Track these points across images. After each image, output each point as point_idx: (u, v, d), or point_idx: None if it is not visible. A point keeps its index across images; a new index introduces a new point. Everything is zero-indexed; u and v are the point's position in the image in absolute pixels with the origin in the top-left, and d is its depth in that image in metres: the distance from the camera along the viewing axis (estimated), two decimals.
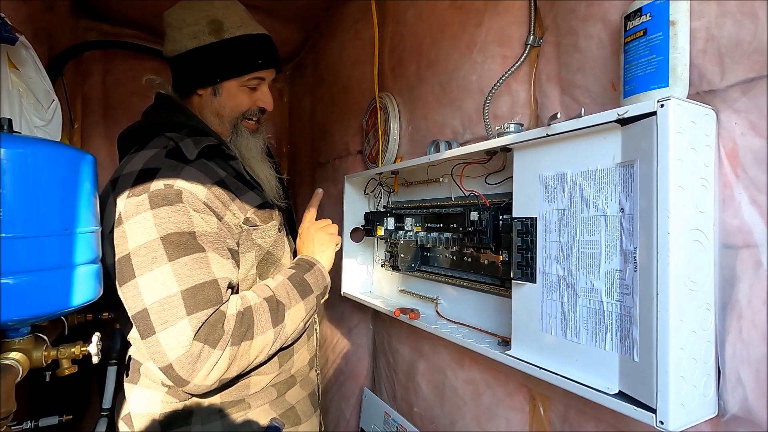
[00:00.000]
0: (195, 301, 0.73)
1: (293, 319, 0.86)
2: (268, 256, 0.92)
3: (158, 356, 0.72)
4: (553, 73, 0.87)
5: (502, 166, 0.95)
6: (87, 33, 1.90)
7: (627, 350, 0.62)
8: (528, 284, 0.78)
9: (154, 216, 0.75)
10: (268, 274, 0.94)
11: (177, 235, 0.75)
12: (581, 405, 0.80)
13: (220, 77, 0.95)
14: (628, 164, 0.62)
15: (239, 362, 0.77)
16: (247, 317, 0.79)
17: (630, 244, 0.62)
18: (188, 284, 0.74)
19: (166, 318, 0.72)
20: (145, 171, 0.80)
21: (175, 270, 0.74)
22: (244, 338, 0.77)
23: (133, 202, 0.78)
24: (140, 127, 0.94)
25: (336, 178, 1.83)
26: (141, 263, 0.74)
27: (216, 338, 0.73)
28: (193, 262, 0.75)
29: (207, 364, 0.73)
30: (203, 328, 0.73)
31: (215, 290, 0.76)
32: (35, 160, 0.68)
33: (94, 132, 1.95)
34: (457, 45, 1.13)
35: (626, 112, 0.60)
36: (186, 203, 0.78)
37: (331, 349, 1.86)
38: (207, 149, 0.86)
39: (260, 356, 0.81)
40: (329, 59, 1.96)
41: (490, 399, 1.03)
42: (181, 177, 0.80)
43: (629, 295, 0.62)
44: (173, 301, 0.72)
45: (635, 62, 0.64)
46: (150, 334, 0.73)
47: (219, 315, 0.76)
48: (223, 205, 0.83)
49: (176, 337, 0.71)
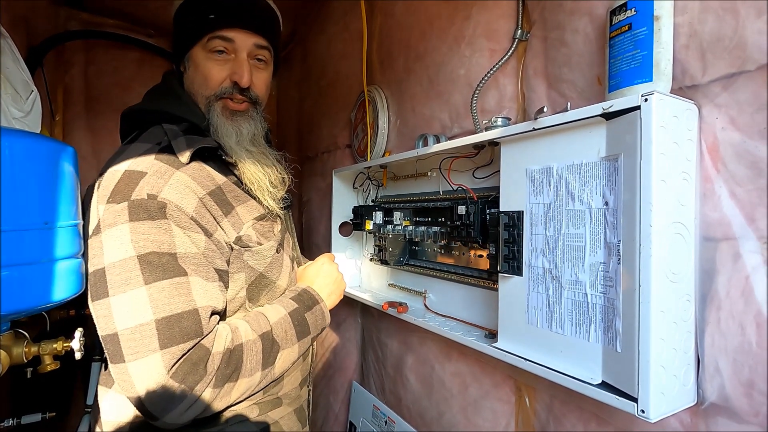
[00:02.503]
0: (171, 333, 0.65)
1: (284, 361, 0.79)
2: (261, 278, 0.82)
3: (126, 385, 0.65)
4: (540, 68, 0.88)
5: (489, 160, 0.95)
6: (67, 22, 1.85)
7: (610, 341, 0.63)
8: (514, 277, 0.79)
9: (131, 230, 0.67)
10: (259, 297, 0.84)
11: (156, 255, 0.67)
12: (565, 395, 0.82)
13: (185, 44, 0.84)
14: (612, 158, 0.63)
15: (218, 403, 0.70)
16: (236, 356, 0.71)
17: (614, 237, 0.63)
18: (164, 313, 0.65)
19: (137, 348, 0.64)
20: (131, 173, 0.71)
21: (150, 295, 0.66)
22: (229, 380, 0.70)
23: (111, 210, 0.69)
24: (139, 111, 0.85)
25: (324, 172, 1.82)
26: (115, 282, 0.66)
27: (196, 379, 0.66)
28: (172, 287, 0.67)
29: (182, 405, 0.66)
30: (182, 365, 0.65)
31: (194, 321, 0.67)
32: (12, 152, 0.67)
33: (75, 124, 1.91)
34: (446, 38, 1.12)
35: (611, 107, 0.61)
36: (170, 219, 0.69)
37: (320, 344, 1.86)
38: (196, 155, 0.76)
39: (242, 396, 0.74)
40: (317, 52, 1.94)
41: (476, 391, 1.04)
42: (169, 185, 0.70)
43: (613, 287, 0.63)
44: (146, 331, 0.64)
45: (620, 57, 0.65)
46: (119, 361, 0.65)
47: (202, 351, 0.68)
48: (214, 220, 0.74)
49: (147, 372, 0.64)
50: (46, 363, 0.75)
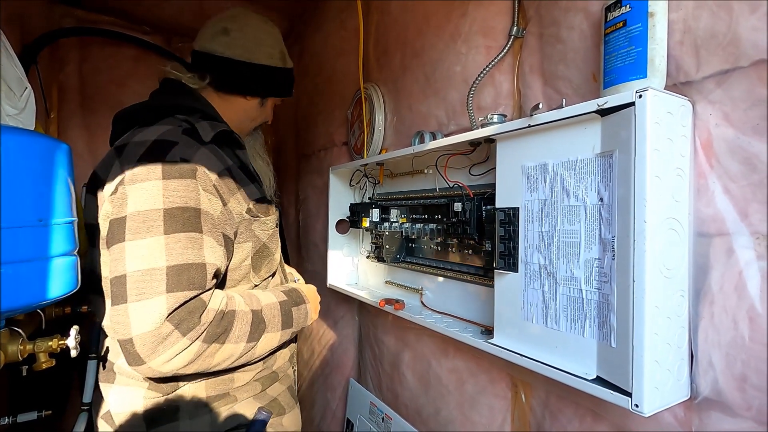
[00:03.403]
0: (179, 279, 0.71)
1: (266, 344, 0.84)
2: (264, 248, 0.92)
3: (121, 327, 0.69)
4: (536, 64, 0.88)
5: (485, 157, 0.95)
6: (62, 19, 1.84)
7: (605, 336, 0.63)
8: (510, 273, 0.79)
9: (164, 186, 0.74)
10: (261, 267, 0.93)
11: (181, 209, 0.74)
12: (561, 391, 0.82)
13: (273, 94, 1.12)
14: (607, 154, 0.63)
15: (201, 362, 0.74)
16: (227, 320, 0.77)
17: (608, 233, 0.63)
18: (176, 261, 0.71)
19: (144, 290, 0.69)
20: (161, 142, 0.79)
21: (167, 243, 0.71)
22: (217, 340, 0.74)
23: (144, 168, 0.75)
24: (148, 106, 0.92)
25: (321, 169, 1.81)
26: (135, 228, 0.72)
27: (189, 326, 0.70)
28: (187, 240, 0.73)
29: (171, 351, 0.69)
30: (179, 311, 0.70)
31: (201, 274, 0.73)
32: (7, 149, 0.66)
33: (71, 122, 1.90)
34: (442, 35, 1.12)
35: (605, 103, 0.61)
36: (198, 181, 0.77)
37: (317, 341, 1.87)
38: (219, 136, 0.87)
39: (221, 365, 0.78)
40: (314, 50, 1.93)
41: (473, 387, 1.04)
42: (198, 154, 0.80)
43: (607, 282, 0.63)
44: (156, 275, 0.70)
45: (615, 53, 0.65)
46: (120, 302, 0.69)
47: (199, 303, 0.73)
48: (229, 192, 0.83)
49: (147, 312, 0.68)
50: (42, 361, 0.74)
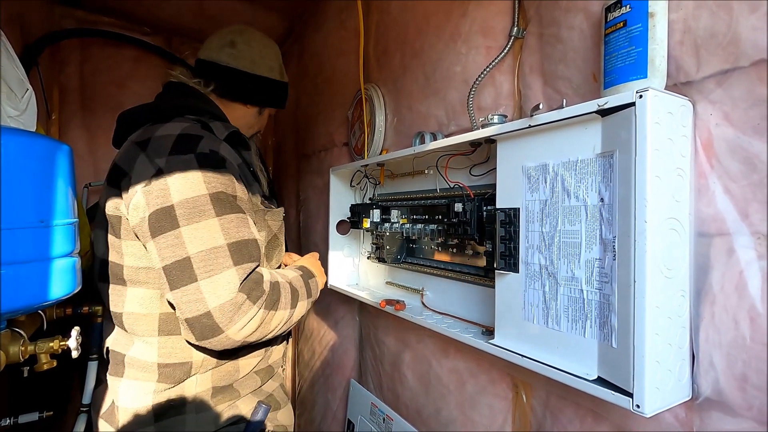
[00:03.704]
0: (241, 254, 0.77)
1: (299, 310, 0.90)
2: (275, 239, 0.98)
3: (194, 305, 0.73)
4: (536, 65, 0.88)
5: (486, 157, 0.95)
6: (62, 20, 1.84)
7: (606, 337, 0.63)
8: (511, 274, 0.79)
9: (203, 175, 0.78)
10: (273, 257, 0.99)
11: (224, 194, 0.79)
12: (562, 391, 0.82)
13: (270, 105, 1.20)
14: (607, 155, 0.63)
15: (264, 328, 0.80)
16: (276, 289, 0.83)
17: (609, 234, 0.63)
18: (234, 238, 0.77)
19: (212, 267, 0.74)
20: (187, 135, 0.83)
21: (222, 224, 0.77)
22: (273, 307, 0.81)
23: (179, 159, 0.80)
24: (157, 107, 0.96)
25: (321, 170, 1.81)
26: (187, 214, 0.76)
27: (258, 295, 0.77)
28: (238, 220, 0.79)
29: (244, 318, 0.75)
30: (247, 282, 0.76)
31: (256, 248, 0.81)
32: (8, 150, 0.66)
33: (71, 123, 1.90)
34: (442, 36, 1.12)
35: (606, 103, 0.61)
36: (228, 169, 0.83)
37: (318, 342, 1.87)
38: (231, 136, 0.93)
39: (275, 331, 0.83)
40: (313, 50, 1.93)
41: (473, 387, 1.04)
42: (222, 148, 0.85)
43: (608, 283, 0.63)
44: (220, 252, 0.75)
45: (615, 53, 0.65)
46: (188, 282, 0.74)
47: (259, 275, 0.80)
48: (247, 184, 0.89)
49: (222, 285, 0.74)
50: (43, 362, 0.74)
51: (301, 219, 2.03)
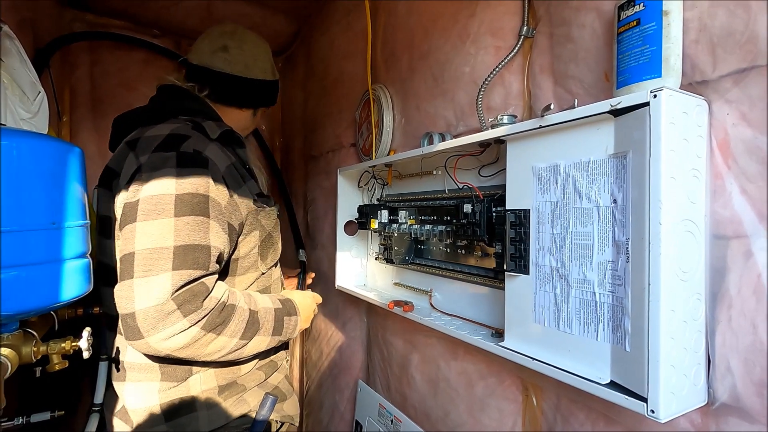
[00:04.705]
0: (184, 259, 0.74)
1: (256, 345, 0.86)
2: (269, 237, 0.98)
3: (124, 301, 0.72)
4: (546, 64, 0.87)
5: (495, 158, 0.94)
6: (73, 23, 1.86)
7: (619, 340, 0.62)
8: (521, 276, 0.79)
9: (177, 174, 0.78)
10: (267, 255, 0.99)
11: (191, 195, 0.77)
12: (573, 394, 0.81)
13: (264, 104, 1.20)
14: (620, 155, 0.62)
15: (196, 349, 0.76)
16: (227, 312, 0.79)
17: (622, 235, 0.62)
18: (183, 242, 0.74)
19: (150, 267, 0.72)
20: (174, 136, 0.84)
21: (176, 225, 0.75)
22: (214, 330, 0.77)
23: (159, 155, 0.80)
24: (150, 110, 0.98)
25: (329, 171, 1.81)
26: (147, 210, 0.75)
27: (192, 309, 0.73)
28: (195, 223, 0.77)
29: (170, 329, 0.71)
30: (183, 292, 0.72)
31: (205, 255, 0.77)
32: (20, 152, 0.67)
33: (82, 125, 1.92)
34: (450, 36, 1.12)
35: (619, 103, 0.60)
36: (209, 171, 0.82)
37: (326, 342, 1.87)
38: (224, 135, 0.92)
39: (211, 356, 0.80)
40: (321, 52, 1.94)
41: (482, 390, 1.03)
42: (209, 148, 0.85)
43: (621, 285, 0.62)
44: (163, 253, 0.73)
45: (628, 53, 0.64)
46: (126, 277, 0.72)
47: (203, 288, 0.75)
48: (235, 184, 0.88)
49: (152, 288, 0.71)
50: (55, 362, 0.75)
51: (309, 220, 2.03)
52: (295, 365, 2.20)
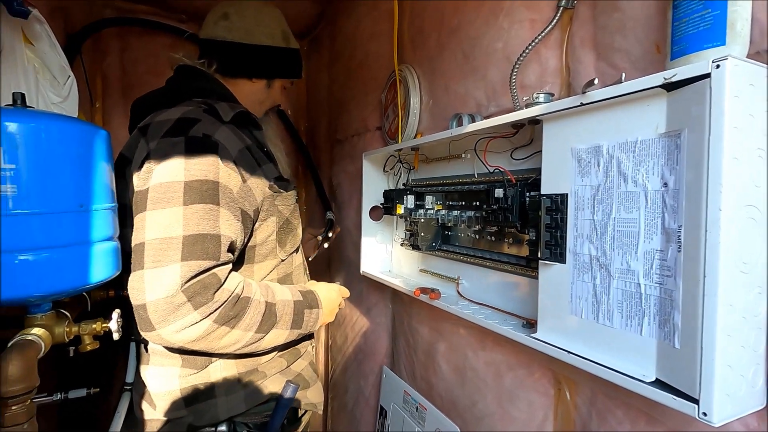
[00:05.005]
0: (193, 249, 0.72)
1: (273, 338, 0.84)
2: (287, 223, 0.95)
3: (136, 293, 0.71)
4: (587, 37, 0.80)
5: (529, 139, 0.89)
6: (103, 10, 1.88)
7: (667, 336, 0.58)
8: (557, 265, 0.74)
9: (186, 160, 0.76)
10: (286, 241, 0.96)
11: (200, 182, 0.75)
12: (610, 390, 0.77)
13: (278, 75, 1.11)
14: (673, 134, 0.56)
15: (208, 341, 0.75)
16: (241, 305, 0.77)
17: (674, 222, 0.57)
18: (192, 231, 0.73)
19: (160, 257, 0.71)
20: (184, 119, 0.82)
21: (185, 214, 0.73)
22: (227, 323, 0.75)
23: (167, 141, 0.78)
24: (166, 92, 0.96)
25: (354, 155, 1.79)
26: (156, 199, 0.74)
27: (202, 301, 0.71)
28: (204, 211, 0.75)
29: (181, 322, 0.70)
30: (194, 284, 0.71)
31: (215, 244, 0.75)
32: (48, 135, 0.67)
33: (114, 111, 1.95)
34: (481, 10, 1.05)
35: (674, 76, 0.54)
36: (219, 156, 0.79)
37: (351, 327, 1.87)
38: (238, 116, 0.89)
39: (226, 348, 0.78)
40: (346, 33, 1.89)
41: (512, 381, 1.00)
42: (219, 131, 0.82)
43: (671, 277, 0.57)
44: (172, 243, 0.71)
45: (686, 18, 0.57)
46: (137, 268, 0.72)
47: (215, 279, 0.73)
48: (249, 169, 0.85)
49: (162, 279, 0.70)
50: (86, 343, 0.77)
51: (334, 205, 2.02)
52: (321, 349, 2.23)
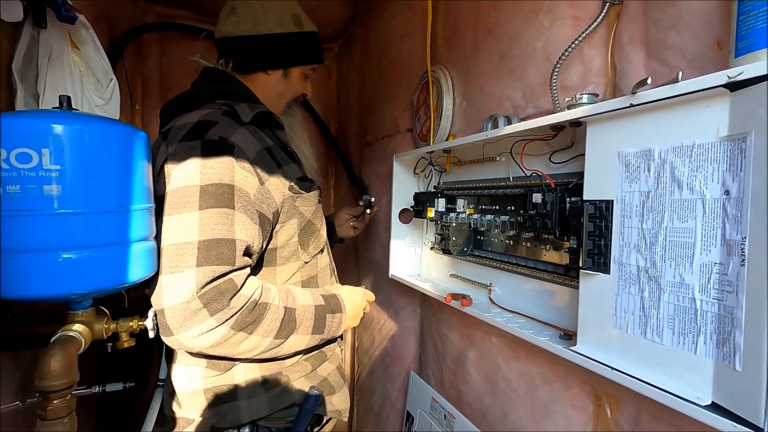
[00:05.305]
0: (208, 254, 0.73)
1: (293, 344, 0.84)
2: (309, 224, 0.94)
3: (156, 298, 0.73)
4: (637, 34, 0.76)
5: (570, 142, 0.85)
6: (144, 15, 1.95)
7: (726, 357, 0.53)
8: (600, 275, 0.70)
9: (202, 164, 0.76)
10: (309, 243, 0.95)
11: (215, 186, 0.76)
12: (656, 410, 0.72)
13: (294, 63, 1.06)
14: (738, 137, 0.52)
15: (226, 347, 0.75)
16: (259, 311, 0.77)
17: (736, 234, 0.52)
18: (207, 236, 0.73)
19: (176, 263, 0.72)
20: (202, 123, 0.82)
21: (200, 219, 0.74)
22: (245, 329, 0.75)
23: (185, 145, 0.79)
24: (190, 95, 0.97)
25: (384, 157, 1.77)
26: (173, 204, 0.76)
27: (218, 308, 0.72)
28: (219, 215, 0.75)
29: (197, 328, 0.71)
30: (210, 290, 0.71)
31: (230, 249, 0.75)
32: (92, 136, 0.69)
33: (153, 113, 2.02)
34: (521, 8, 1.02)
35: (740, 74, 0.50)
36: (235, 158, 0.79)
37: (378, 331, 1.85)
38: (258, 116, 0.89)
39: (245, 354, 0.79)
40: (378, 32, 1.88)
41: (547, 394, 0.96)
42: (237, 133, 0.82)
43: (732, 293, 0.52)
44: (188, 249, 0.72)
45: (754, 12, 0.53)
46: (159, 273, 0.74)
47: (231, 285, 0.74)
48: (268, 171, 0.84)
49: (178, 285, 0.71)
50: (123, 340, 0.78)
51: None
52: (348, 351, 2.23)
